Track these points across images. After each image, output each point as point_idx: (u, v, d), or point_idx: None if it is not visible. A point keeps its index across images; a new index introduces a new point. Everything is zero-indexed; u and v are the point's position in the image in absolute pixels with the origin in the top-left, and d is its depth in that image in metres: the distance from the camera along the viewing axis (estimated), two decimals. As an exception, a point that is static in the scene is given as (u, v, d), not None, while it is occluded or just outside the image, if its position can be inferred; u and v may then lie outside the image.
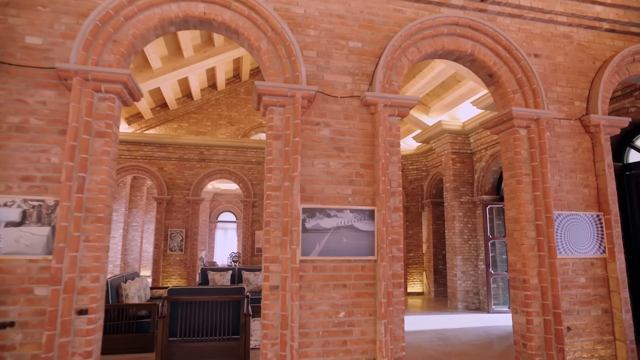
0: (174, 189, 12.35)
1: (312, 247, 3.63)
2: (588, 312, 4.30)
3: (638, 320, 5.62)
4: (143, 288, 7.76)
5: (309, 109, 3.88)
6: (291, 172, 3.65)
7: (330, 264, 3.68)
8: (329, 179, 3.80)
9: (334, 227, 3.70)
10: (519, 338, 4.21)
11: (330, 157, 3.84)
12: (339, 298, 3.66)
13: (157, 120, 12.96)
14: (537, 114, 4.34)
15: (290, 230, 3.57)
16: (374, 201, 3.86)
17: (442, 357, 6.08)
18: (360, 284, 3.72)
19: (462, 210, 10.55)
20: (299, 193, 3.62)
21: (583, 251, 4.36)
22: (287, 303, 3.47)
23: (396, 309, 3.72)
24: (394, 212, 3.83)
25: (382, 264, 3.66)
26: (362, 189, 3.86)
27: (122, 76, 3.37)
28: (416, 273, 13.09)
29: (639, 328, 5.61)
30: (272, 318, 3.49)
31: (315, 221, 3.67)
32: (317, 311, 3.60)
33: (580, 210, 4.46)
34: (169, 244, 12.31)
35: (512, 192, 4.40)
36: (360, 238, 3.72)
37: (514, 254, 4.33)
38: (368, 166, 3.91)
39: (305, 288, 3.60)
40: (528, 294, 4.12)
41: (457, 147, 10.74)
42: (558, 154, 4.50)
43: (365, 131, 3.97)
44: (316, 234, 3.65)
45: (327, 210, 3.71)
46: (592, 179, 4.57)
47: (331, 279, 3.66)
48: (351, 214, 3.75)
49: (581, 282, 4.33)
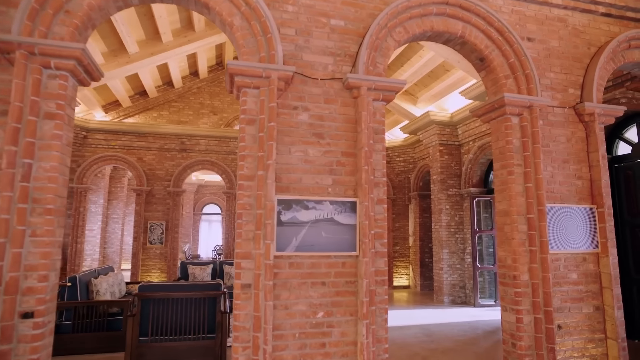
0: (154, 180, 11.92)
1: (288, 242, 3.33)
2: (579, 310, 4.10)
3: (628, 317, 5.48)
4: (117, 283, 7.39)
5: (286, 91, 3.56)
6: (265, 160, 3.33)
7: (307, 260, 3.39)
8: (307, 168, 3.50)
9: (312, 220, 3.41)
10: (507, 337, 3.99)
11: (309, 144, 3.54)
12: (318, 297, 3.38)
13: (136, 108, 12.45)
14: (531, 100, 4.09)
15: (264, 223, 3.27)
16: (356, 192, 3.57)
17: (428, 354, 5.88)
18: (341, 281, 3.44)
19: (449, 202, 10.37)
20: (273, 183, 3.31)
21: (575, 246, 4.15)
22: (260, 303, 3.18)
23: (379, 309, 3.45)
24: (377, 204, 3.55)
25: (364, 260, 3.39)
26: (343, 179, 3.56)
27: (74, 51, 3.00)
28: (402, 266, 12.93)
29: (630, 325, 5.47)
30: (244, 319, 3.19)
31: (292, 214, 3.37)
32: (294, 311, 3.31)
33: (573, 202, 4.24)
34: (149, 237, 11.91)
35: (503, 183, 4.15)
36: (340, 232, 3.44)
37: (503, 248, 4.10)
38: (350, 154, 3.61)
39: (280, 286, 3.31)
40: (518, 291, 3.89)
41: (444, 139, 10.52)
42: (551, 143, 4.27)
43: (347, 116, 3.67)
44: (293, 227, 3.35)
45: (305, 201, 3.41)
46: (586, 170, 4.36)
47: (309, 277, 3.38)
48: (331, 206, 3.46)
49: (573, 278, 4.12)
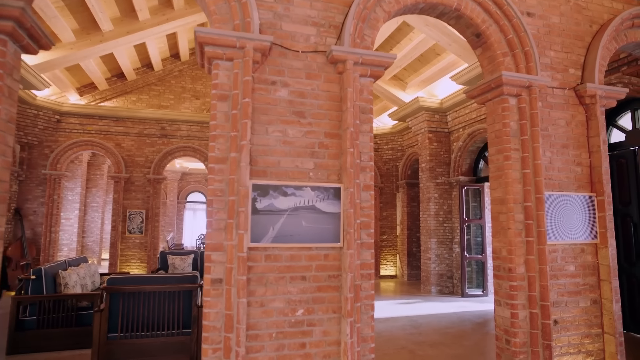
0: (133, 167, 11.43)
1: (264, 232, 2.99)
2: (576, 304, 3.86)
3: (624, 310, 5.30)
4: (90, 275, 6.98)
5: (263, 64, 3.19)
6: (239, 141, 2.97)
7: (286, 252, 3.06)
8: (286, 150, 3.14)
9: (292, 208, 3.07)
10: (501, 333, 3.74)
11: (289, 124, 3.18)
12: (297, 293, 3.05)
13: (114, 91, 11.87)
14: (530, 80, 3.78)
15: (237, 211, 2.92)
16: (340, 177, 3.23)
17: (416, 347, 5.64)
18: (323, 275, 3.12)
19: (438, 191, 10.14)
20: (248, 166, 2.95)
21: (574, 236, 3.90)
22: (232, 300, 2.84)
23: (365, 305, 3.15)
24: (363, 191, 3.23)
25: (349, 252, 3.07)
26: (326, 162, 3.22)
27: (12, 10, 2.57)
28: (389, 256, 12.73)
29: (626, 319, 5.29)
30: (215, 318, 2.86)
31: (269, 200, 3.02)
32: (270, 309, 2.99)
33: (572, 190, 3.98)
34: (128, 226, 11.45)
35: (499, 169, 3.86)
36: (323, 221, 3.11)
37: (498, 239, 3.83)
38: (334, 135, 3.27)
39: (255, 281, 2.97)
40: (514, 285, 3.63)
41: (434, 126, 10.25)
42: (550, 127, 3.98)
43: (331, 94, 3.31)
44: (269, 216, 3.01)
45: (284, 187, 3.07)
46: (585, 156, 4.09)
47: (287, 270, 3.05)
48: (313, 193, 3.12)
49: (570, 270, 3.88)
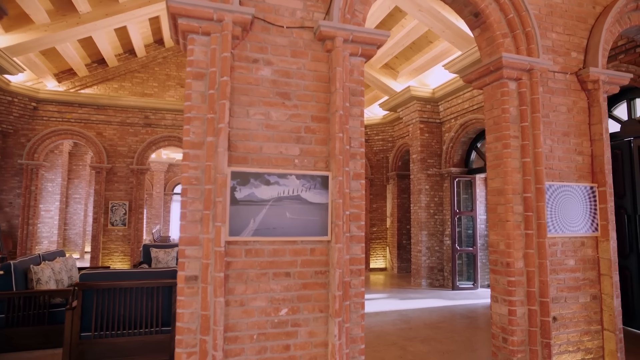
0: (116, 157, 11.02)
1: (245, 225, 2.72)
2: (576, 299, 3.68)
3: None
4: (67, 270, 6.65)
5: (244, 40, 2.89)
6: (216, 124, 2.68)
7: (268, 246, 2.79)
8: (269, 135, 2.87)
9: (275, 198, 2.80)
10: (498, 331, 3.54)
11: (272, 106, 2.90)
12: (281, 291, 2.80)
13: (94, 78, 11.40)
14: (531, 63, 3.55)
15: (214, 201, 2.64)
16: (328, 165, 2.97)
17: (406, 343, 5.45)
18: (309, 272, 2.87)
19: (429, 183, 9.95)
20: (226, 152, 2.67)
21: (574, 229, 3.70)
22: (208, 299, 2.58)
23: (354, 303, 2.91)
24: (353, 180, 2.97)
25: (338, 246, 2.82)
26: (313, 148, 2.95)
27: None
28: (379, 248, 12.56)
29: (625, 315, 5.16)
30: (189, 319, 2.59)
31: (249, 190, 2.75)
32: (251, 308, 2.73)
33: (573, 180, 3.78)
34: (110, 218, 11.07)
35: (497, 158, 3.63)
36: (309, 212, 2.85)
37: (496, 232, 3.61)
38: (322, 119, 3.00)
39: (234, 278, 2.71)
40: (512, 280, 3.42)
41: (425, 116, 10.02)
42: (551, 113, 3.76)
43: (319, 74, 3.04)
44: (250, 207, 2.74)
45: (266, 175, 2.79)
46: (587, 145, 3.89)
47: (270, 266, 2.79)
48: (298, 181, 2.85)
49: (570, 264, 3.69)
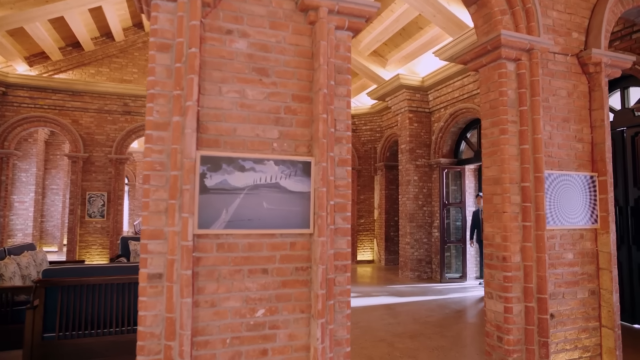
0: (93, 146, 10.54)
1: (216, 216, 2.41)
2: (574, 295, 3.48)
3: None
4: (36, 265, 6.24)
5: (216, 8, 2.56)
6: (184, 102, 2.36)
7: (243, 240, 2.49)
8: (244, 115, 2.55)
9: (250, 186, 2.49)
10: (492, 329, 3.32)
11: (248, 83, 2.58)
12: (257, 289, 2.51)
13: (69, 62, 10.85)
14: (531, 42, 3.29)
15: (181, 189, 2.33)
16: (310, 149, 2.67)
17: (395, 340, 5.24)
18: (289, 268, 2.58)
19: (418, 174, 9.73)
20: (194, 133, 2.35)
21: (573, 221, 3.48)
22: (174, 300, 2.27)
23: (339, 303, 2.64)
24: (339, 166, 2.68)
25: (321, 239, 2.53)
26: (294, 131, 2.65)
27: None
28: (367, 240, 12.36)
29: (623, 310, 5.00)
30: (152, 323, 2.29)
31: (222, 176, 2.44)
32: (224, 309, 2.43)
33: (572, 169, 3.55)
34: (88, 210, 10.62)
35: (494, 144, 3.38)
36: (289, 202, 2.55)
37: (492, 224, 3.37)
38: (304, 99, 2.69)
39: (204, 276, 2.41)
40: (508, 275, 3.20)
41: (414, 105, 9.77)
42: (550, 98, 3.52)
43: (301, 48, 2.72)
44: (222, 195, 2.43)
45: (240, 160, 2.48)
46: (587, 132, 3.66)
47: (245, 262, 2.49)
48: (276, 167, 2.55)
49: (568, 258, 3.48)
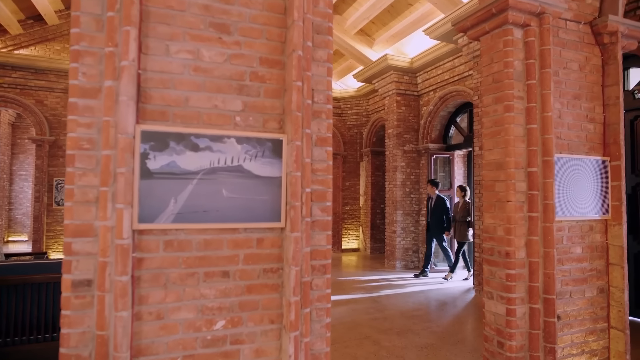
0: (60, 129, 9.80)
1: (162, 207, 1.92)
2: (582, 294, 3.11)
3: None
4: (-13, 257, 5.65)
5: (163, -56, 2.03)
6: (118, 61, 1.84)
7: (198, 236, 2.02)
8: (199, 82, 2.05)
9: (206, 170, 2.00)
10: (492, 334, 2.93)
11: (204, 42, 2.07)
12: (216, 296, 2.04)
13: (31, 37, 10.01)
14: (542, 5, 2.83)
15: (115, 173, 1.83)
16: (282, 125, 2.19)
17: (381, 336, 4.86)
18: (255, 270, 2.12)
19: (405, 160, 9.33)
20: (133, 102, 1.85)
21: (583, 211, 3.10)
22: (107, 313, 1.79)
23: (317, 310, 2.19)
24: (317, 146, 2.21)
25: (294, 235, 2.07)
26: (261, 102, 2.16)
27: None
28: (352, 228, 11.99)
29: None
30: (79, 343, 1.81)
31: (169, 157, 1.94)
32: (174, 322, 1.96)
33: (583, 153, 3.15)
34: (55, 197, 9.94)
35: (497, 123, 2.95)
36: (255, 190, 2.08)
37: (493, 214, 2.96)
38: (275, 63, 2.19)
39: (148, 282, 1.93)
40: (511, 273, 2.80)
41: (402, 88, 9.32)
42: (560, 71, 3.09)
43: (271, 0, 2.21)
44: (170, 181, 1.94)
45: (193, 137, 1.99)
46: (599, 111, 3.25)
47: (201, 264, 2.02)
48: (239, 147, 2.06)
49: (577, 253, 3.10)
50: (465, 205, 7.94)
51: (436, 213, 8.23)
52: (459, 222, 7.96)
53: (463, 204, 8.00)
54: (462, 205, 8.00)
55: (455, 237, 8.16)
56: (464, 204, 7.98)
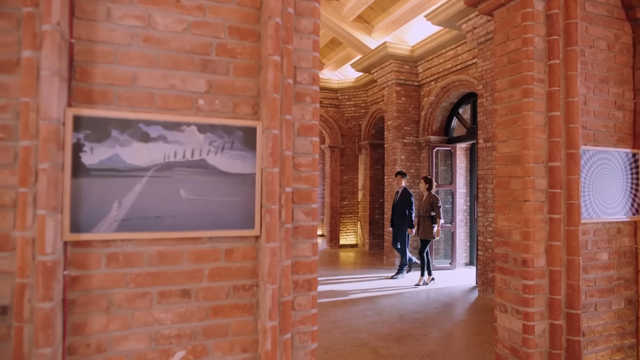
0: None
1: (102, 212, 1.53)
2: (608, 306, 2.73)
3: None
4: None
5: None
6: (39, 24, 1.43)
7: (150, 247, 1.62)
8: (151, 55, 1.64)
9: (160, 165, 1.60)
10: (506, 352, 2.55)
11: (157, 5, 1.65)
12: (174, 321, 1.65)
13: None
14: (567, -30, 2.42)
15: (36, 170, 1.43)
16: (257, 110, 1.78)
17: (379, 344, 4.50)
18: (223, 287, 1.73)
19: (405, 152, 8.93)
20: (59, 80, 1.44)
21: (610, 211, 2.70)
22: (25, 350, 1.40)
23: (300, 335, 1.80)
24: (300, 136, 1.80)
25: (271, 245, 1.67)
26: (231, 82, 1.75)
27: None
28: (350, 223, 11.62)
29: None
30: (-7, 383, 1.43)
31: (111, 150, 1.54)
32: (119, 355, 1.58)
33: (610, 145, 2.75)
34: None
35: (513, 111, 2.54)
36: (222, 190, 1.68)
37: (507, 216, 2.57)
38: (248, 33, 1.78)
39: (85, 306, 1.54)
40: (529, 284, 2.41)
41: (402, 78, 8.89)
42: (587, 50, 2.67)
43: (243, -44, 1.80)
44: (112, 180, 1.54)
45: (143, 125, 1.58)
46: (629, 96, 2.85)
47: (154, 282, 1.63)
48: (202, 136, 1.66)
49: (603, 259, 2.71)
50: (430, 198, 7.16)
51: (400, 207, 7.57)
52: (423, 217, 7.17)
53: (427, 197, 7.22)
54: (426, 199, 7.21)
55: (419, 234, 7.31)
56: (428, 198, 7.20)
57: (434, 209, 7.07)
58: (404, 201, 7.56)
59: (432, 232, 7.09)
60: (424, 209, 7.20)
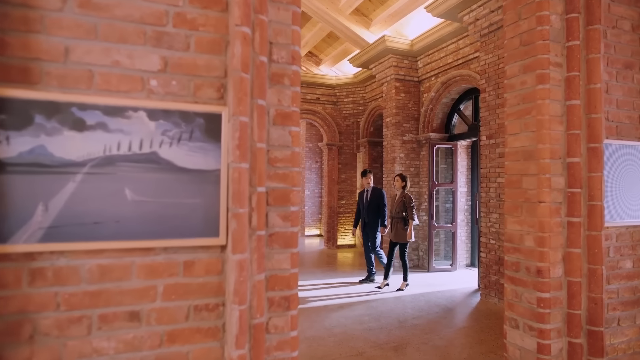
0: None
1: (24, 217, 1.22)
2: (632, 320, 2.42)
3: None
4: None
5: None
6: (-63, -19, 1.13)
7: (88, 261, 1.32)
8: (89, 24, 1.33)
9: (98, 160, 1.29)
10: (517, 374, 2.25)
11: (98, -37, 1.35)
12: (118, 351, 1.35)
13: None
14: (589, -63, 2.11)
15: None
16: (223, 94, 1.48)
17: (376, 353, 4.21)
18: (182, 308, 1.42)
19: (405, 150, 8.63)
20: (-41, 48, 1.14)
21: (635, 214, 2.40)
22: None
23: (275, 365, 1.50)
24: (275, 125, 1.50)
25: (238, 257, 1.37)
26: (191, 59, 1.44)
27: None
28: (348, 223, 11.32)
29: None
30: None
31: (34, 140, 1.23)
32: (48, 393, 1.28)
33: (635, 138, 2.45)
34: None
35: (526, 99, 2.23)
36: (178, 190, 1.37)
37: (519, 219, 2.26)
38: (210, 1, 1.47)
39: (2, 336, 1.23)
40: (545, 297, 2.10)
41: (402, 73, 8.60)
42: (609, 31, 2.37)
43: None
44: (36, 177, 1.23)
45: (76, 110, 1.28)
46: (654, 84, 2.54)
47: (93, 303, 1.32)
48: (153, 124, 1.35)
49: (627, 268, 2.40)
50: (402, 198, 6.63)
51: (372, 207, 7.15)
52: (395, 219, 6.64)
53: (400, 196, 6.68)
54: (399, 199, 6.68)
55: (391, 236, 6.80)
56: (400, 197, 6.66)
57: (407, 209, 6.57)
58: (376, 200, 7.17)
59: (405, 234, 6.58)
60: (396, 210, 6.69)
